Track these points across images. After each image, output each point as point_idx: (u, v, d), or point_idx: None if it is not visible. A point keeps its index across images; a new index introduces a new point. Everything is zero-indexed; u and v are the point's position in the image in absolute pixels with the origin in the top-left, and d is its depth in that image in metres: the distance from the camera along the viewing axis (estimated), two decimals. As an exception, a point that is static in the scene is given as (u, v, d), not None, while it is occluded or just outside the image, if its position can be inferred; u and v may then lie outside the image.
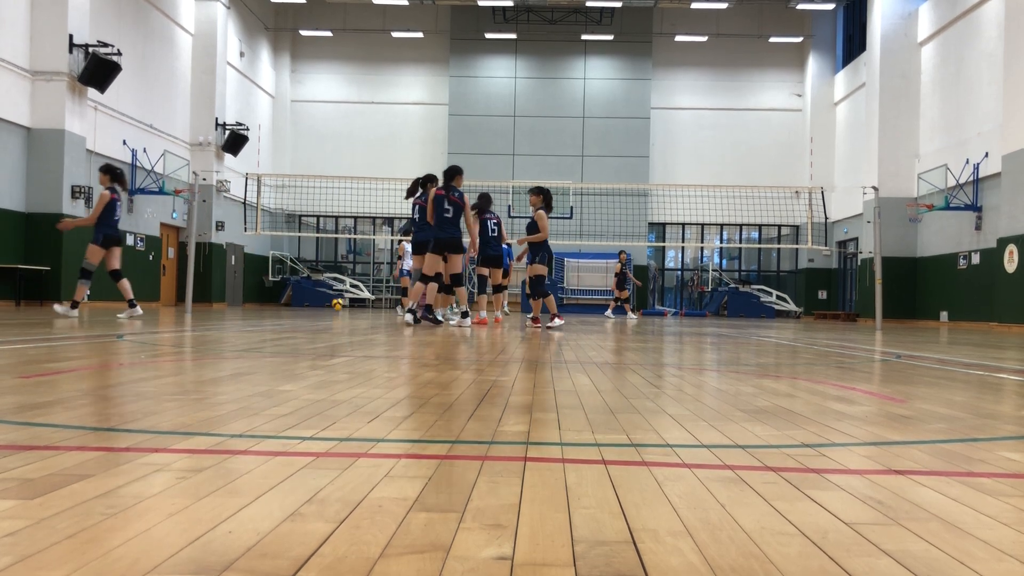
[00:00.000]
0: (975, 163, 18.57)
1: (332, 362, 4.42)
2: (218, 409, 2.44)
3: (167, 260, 22.19)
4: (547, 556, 1.10)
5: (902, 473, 1.71)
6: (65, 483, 1.44)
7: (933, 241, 21.10)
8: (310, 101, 29.82)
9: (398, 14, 28.95)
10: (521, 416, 2.43)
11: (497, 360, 4.79)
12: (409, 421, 2.30)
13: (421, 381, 3.44)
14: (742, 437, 2.14)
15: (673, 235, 29.81)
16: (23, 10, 15.87)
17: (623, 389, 3.31)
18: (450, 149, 28.66)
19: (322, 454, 1.78)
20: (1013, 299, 16.18)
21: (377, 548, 1.12)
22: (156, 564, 1.03)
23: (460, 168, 10.69)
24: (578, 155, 28.90)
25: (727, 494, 1.48)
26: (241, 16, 26.17)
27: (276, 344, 6.03)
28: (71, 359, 4.16)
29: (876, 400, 3.18)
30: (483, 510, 1.33)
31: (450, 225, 10.04)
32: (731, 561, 1.10)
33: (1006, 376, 4.52)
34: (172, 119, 21.87)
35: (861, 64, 25.02)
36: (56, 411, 2.31)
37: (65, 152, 16.24)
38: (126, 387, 3.01)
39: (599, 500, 1.42)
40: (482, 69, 29.25)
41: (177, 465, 1.63)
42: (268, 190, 26.47)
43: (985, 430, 2.40)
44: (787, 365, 5.13)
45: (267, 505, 1.33)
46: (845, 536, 1.23)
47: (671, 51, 29.33)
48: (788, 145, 28.94)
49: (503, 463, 1.72)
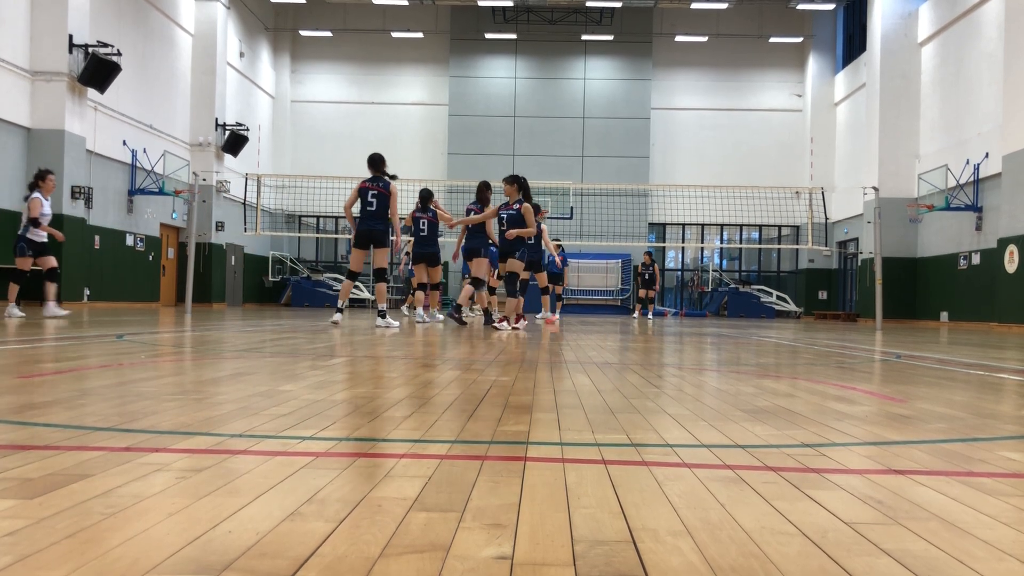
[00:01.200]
0: (975, 163, 18.57)
1: (332, 362, 4.42)
2: (218, 409, 2.43)
3: (167, 260, 22.18)
4: (547, 555, 1.10)
5: (902, 473, 1.71)
6: (64, 483, 1.44)
7: (933, 241, 21.10)
8: (310, 101, 29.82)
9: (398, 14, 28.95)
10: (521, 416, 2.43)
11: (497, 360, 4.78)
12: (409, 421, 2.30)
13: (421, 381, 3.44)
14: (742, 437, 2.14)
15: (673, 235, 29.80)
16: (23, 10, 15.87)
17: (623, 389, 3.31)
18: (450, 149, 28.67)
19: (322, 454, 1.78)
20: (1013, 299, 16.18)
21: (377, 548, 1.12)
22: (156, 564, 1.02)
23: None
24: (578, 155, 28.90)
25: (727, 494, 1.48)
26: (241, 16, 26.17)
27: (276, 344, 6.03)
28: (70, 359, 4.16)
29: (876, 400, 3.18)
30: (483, 510, 1.33)
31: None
32: (731, 561, 1.10)
33: (1006, 376, 4.52)
34: (172, 119, 21.87)
35: (861, 64, 25.02)
36: (55, 411, 2.31)
37: (65, 152, 16.24)
38: (126, 387, 3.01)
39: (599, 500, 1.42)
40: (482, 69, 29.26)
41: (177, 465, 1.63)
42: (268, 190, 26.47)
43: (985, 430, 2.40)
44: (787, 365, 5.13)
45: (267, 505, 1.33)
46: (845, 536, 1.23)
47: (671, 51, 29.33)
48: (788, 145, 28.94)
49: (503, 463, 1.72)
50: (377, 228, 9.80)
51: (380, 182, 9.90)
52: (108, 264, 18.86)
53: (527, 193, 9.94)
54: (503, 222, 9.81)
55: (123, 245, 19.62)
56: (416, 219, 11.91)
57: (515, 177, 10.04)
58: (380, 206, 9.80)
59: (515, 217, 9.70)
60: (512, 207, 9.79)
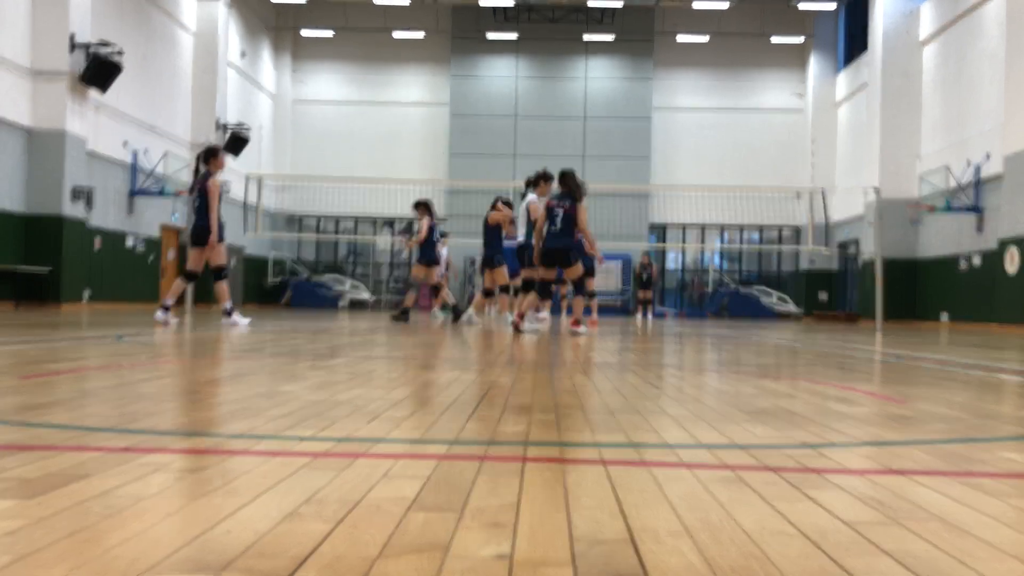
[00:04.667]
0: (976, 164, 18.56)
1: (332, 363, 4.42)
2: (218, 409, 2.43)
3: (167, 262, 22.19)
4: (546, 555, 1.10)
5: (902, 473, 1.71)
6: (64, 483, 1.44)
7: (934, 242, 21.09)
8: (311, 101, 29.83)
9: (399, 14, 28.95)
10: (520, 416, 2.43)
11: (497, 361, 4.78)
12: (408, 421, 2.30)
13: (421, 382, 3.44)
14: (742, 437, 2.14)
15: (674, 236, 29.79)
16: (24, 10, 15.87)
17: (622, 389, 3.31)
18: (451, 149, 28.67)
19: (321, 454, 1.78)
20: (1014, 301, 16.16)
21: (376, 547, 1.11)
22: (154, 563, 1.02)
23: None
24: (579, 155, 28.88)
25: (727, 494, 1.47)
26: (242, 16, 26.18)
27: (276, 345, 6.03)
28: (70, 360, 4.16)
29: (876, 400, 3.18)
30: (482, 510, 1.32)
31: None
32: (731, 561, 1.09)
33: (1006, 376, 4.52)
34: (173, 119, 21.87)
35: (863, 64, 25.00)
36: (55, 411, 2.31)
37: (66, 153, 16.23)
38: (125, 387, 3.01)
39: (598, 500, 1.41)
40: (483, 69, 29.26)
41: (176, 465, 1.63)
42: (268, 191, 26.46)
43: (985, 430, 2.40)
44: (787, 366, 5.12)
45: (266, 505, 1.33)
46: (845, 536, 1.22)
47: (672, 51, 29.33)
48: (789, 145, 28.93)
49: (502, 463, 1.72)
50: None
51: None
52: (108, 265, 18.86)
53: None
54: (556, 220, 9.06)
55: (123, 246, 19.63)
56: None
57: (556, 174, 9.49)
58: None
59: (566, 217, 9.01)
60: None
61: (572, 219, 8.78)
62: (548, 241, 8.85)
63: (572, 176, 9.04)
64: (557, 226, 8.78)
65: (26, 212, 16.10)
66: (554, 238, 8.80)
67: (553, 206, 8.88)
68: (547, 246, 8.85)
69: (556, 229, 8.78)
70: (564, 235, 8.80)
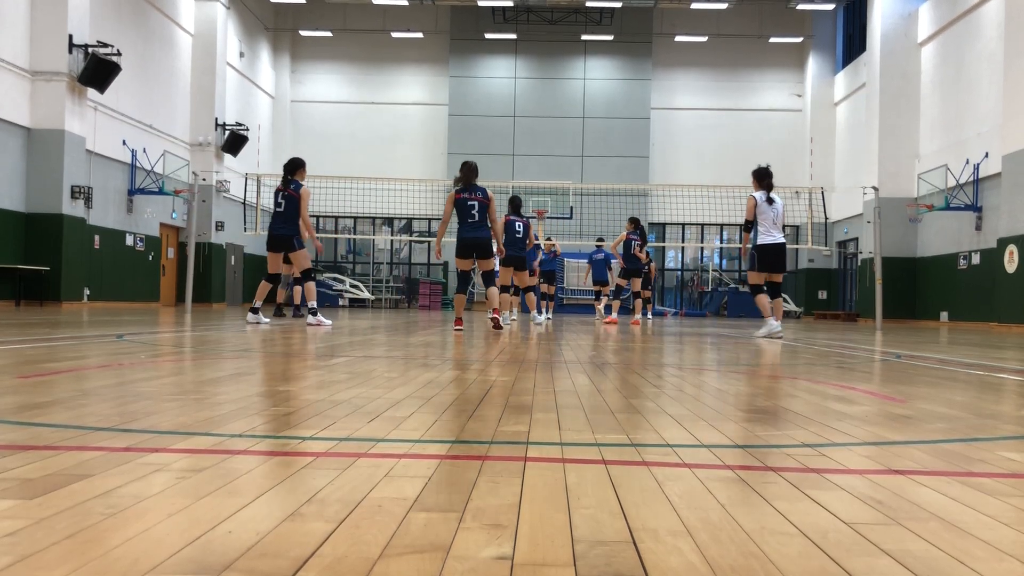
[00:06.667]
0: (975, 163, 18.57)
1: (332, 362, 4.42)
2: (218, 409, 2.43)
3: (167, 260, 22.18)
4: (547, 556, 1.10)
5: (902, 473, 1.71)
6: (65, 483, 1.44)
7: (933, 241, 21.10)
8: (310, 101, 29.82)
9: (398, 14, 28.95)
10: (521, 416, 2.43)
11: (497, 360, 4.78)
12: (409, 421, 2.30)
13: (421, 381, 3.44)
14: (742, 437, 2.14)
15: (673, 235, 29.80)
16: (23, 10, 15.87)
17: (623, 389, 3.31)
18: (450, 149, 28.66)
19: (322, 454, 1.78)
20: (1013, 299, 16.18)
21: (377, 548, 1.12)
22: (156, 564, 1.02)
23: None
24: (578, 155, 28.90)
25: (727, 494, 1.47)
26: (241, 16, 26.17)
27: (276, 344, 6.03)
28: (70, 359, 4.16)
29: (876, 400, 3.18)
30: (483, 510, 1.32)
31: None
32: (731, 561, 1.09)
33: (1006, 376, 4.52)
34: (172, 119, 21.87)
35: (861, 64, 25.02)
36: (55, 411, 2.31)
37: (65, 152, 16.24)
38: (126, 387, 3.00)
39: (599, 500, 1.41)
40: (482, 69, 29.26)
41: (177, 465, 1.63)
42: (268, 190, 26.45)
43: (985, 430, 2.40)
44: (787, 365, 5.13)
45: (267, 505, 1.33)
46: (845, 536, 1.22)
47: (671, 51, 29.34)
48: (788, 145, 28.94)
49: (503, 463, 1.72)
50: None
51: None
52: (108, 264, 18.86)
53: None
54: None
55: (123, 245, 19.62)
56: (510, 222, 11.49)
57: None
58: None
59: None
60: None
61: (487, 208, 8.86)
62: (466, 231, 8.86)
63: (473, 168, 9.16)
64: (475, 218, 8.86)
65: (26, 211, 16.10)
66: (473, 229, 8.86)
67: (466, 199, 8.88)
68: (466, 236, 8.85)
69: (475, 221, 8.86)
70: (482, 227, 8.89)
